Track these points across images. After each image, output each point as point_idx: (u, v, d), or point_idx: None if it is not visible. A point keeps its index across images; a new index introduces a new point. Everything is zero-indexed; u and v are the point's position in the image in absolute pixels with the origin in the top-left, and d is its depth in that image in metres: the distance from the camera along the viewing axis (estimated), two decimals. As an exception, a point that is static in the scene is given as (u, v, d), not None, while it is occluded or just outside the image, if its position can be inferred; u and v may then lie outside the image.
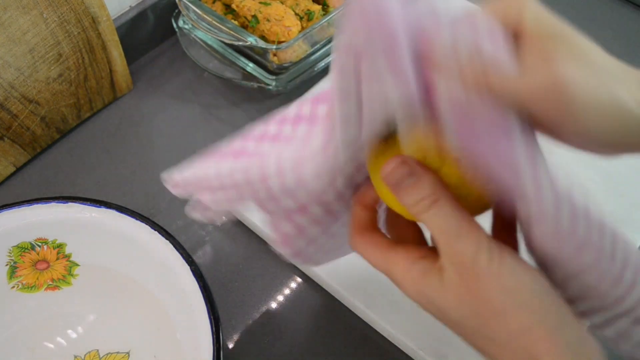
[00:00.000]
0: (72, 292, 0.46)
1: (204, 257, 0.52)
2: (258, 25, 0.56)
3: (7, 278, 0.44)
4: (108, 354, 0.44)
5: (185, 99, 0.62)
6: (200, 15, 0.56)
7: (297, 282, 0.51)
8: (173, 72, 0.64)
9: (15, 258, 0.44)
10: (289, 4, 0.59)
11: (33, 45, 0.50)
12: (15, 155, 0.55)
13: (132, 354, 0.44)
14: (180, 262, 0.41)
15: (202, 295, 0.39)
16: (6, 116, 0.51)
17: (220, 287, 0.50)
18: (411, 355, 0.47)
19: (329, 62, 0.61)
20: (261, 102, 0.62)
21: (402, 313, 0.48)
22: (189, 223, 0.53)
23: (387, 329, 0.47)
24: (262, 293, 0.50)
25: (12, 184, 0.56)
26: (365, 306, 0.48)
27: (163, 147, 0.58)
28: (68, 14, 0.51)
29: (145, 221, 0.42)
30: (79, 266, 0.45)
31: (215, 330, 0.38)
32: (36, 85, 0.52)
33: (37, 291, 0.45)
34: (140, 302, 0.45)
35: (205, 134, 0.59)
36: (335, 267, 0.50)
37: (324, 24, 0.56)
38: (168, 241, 0.42)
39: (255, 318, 0.49)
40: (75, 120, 0.59)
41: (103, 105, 0.61)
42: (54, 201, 0.43)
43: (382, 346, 0.48)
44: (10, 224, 0.42)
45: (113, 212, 0.43)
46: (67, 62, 0.53)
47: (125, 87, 0.61)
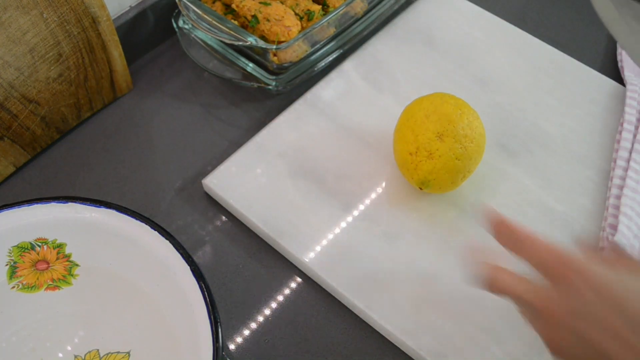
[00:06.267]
0: (72, 292, 0.46)
1: (204, 257, 0.52)
2: (258, 25, 0.56)
3: (7, 278, 0.44)
4: (108, 354, 0.44)
5: (185, 99, 0.62)
6: (200, 15, 0.56)
7: (297, 282, 0.51)
8: (173, 72, 0.64)
9: (15, 258, 0.44)
10: (289, 4, 0.59)
11: (33, 45, 0.50)
12: (15, 155, 0.55)
13: (132, 353, 0.44)
14: (180, 262, 0.41)
15: (202, 295, 0.39)
16: (6, 116, 0.51)
17: (220, 287, 0.50)
18: (411, 355, 0.47)
19: (329, 62, 0.61)
20: (261, 102, 0.62)
21: (402, 313, 0.48)
22: (189, 223, 0.53)
23: (387, 329, 0.47)
24: (262, 293, 0.50)
25: (12, 184, 0.56)
26: (365, 306, 0.48)
27: (163, 147, 0.58)
28: (68, 14, 0.51)
29: (145, 221, 0.42)
30: (79, 266, 0.45)
31: (215, 330, 0.38)
32: (36, 85, 0.52)
33: (37, 291, 0.45)
34: (141, 302, 0.45)
35: (205, 134, 0.59)
36: (335, 267, 0.50)
37: (324, 24, 0.56)
38: (168, 241, 0.42)
39: (255, 318, 0.49)
40: (75, 120, 0.59)
41: (103, 105, 0.61)
42: (54, 201, 0.43)
43: (382, 346, 0.48)
44: (10, 224, 0.42)
45: (113, 212, 0.43)
46: (67, 62, 0.53)
47: (125, 87, 0.61)
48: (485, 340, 0.47)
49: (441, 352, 0.46)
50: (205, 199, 0.55)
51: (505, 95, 0.61)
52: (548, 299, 0.35)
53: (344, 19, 0.59)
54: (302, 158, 0.56)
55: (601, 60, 0.67)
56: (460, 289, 0.49)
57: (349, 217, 0.52)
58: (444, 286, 0.49)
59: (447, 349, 0.46)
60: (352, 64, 0.63)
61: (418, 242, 0.51)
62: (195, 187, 0.56)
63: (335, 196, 0.54)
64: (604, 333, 0.33)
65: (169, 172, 0.57)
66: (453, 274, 0.50)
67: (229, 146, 0.58)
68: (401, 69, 0.63)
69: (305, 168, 0.55)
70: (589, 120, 0.60)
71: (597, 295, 0.33)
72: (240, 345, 0.48)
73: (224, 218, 0.54)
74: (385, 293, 0.49)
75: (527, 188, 0.55)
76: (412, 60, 0.63)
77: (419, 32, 0.66)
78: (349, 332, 0.48)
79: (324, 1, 0.60)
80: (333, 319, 0.49)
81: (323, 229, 0.52)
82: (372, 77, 0.62)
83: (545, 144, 0.57)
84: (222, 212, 0.54)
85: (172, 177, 0.56)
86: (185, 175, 0.56)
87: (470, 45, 0.65)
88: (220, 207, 0.55)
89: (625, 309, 0.32)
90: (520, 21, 0.69)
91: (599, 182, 0.55)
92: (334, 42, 0.60)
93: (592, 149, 0.58)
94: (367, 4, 0.61)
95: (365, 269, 0.50)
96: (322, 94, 0.60)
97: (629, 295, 0.33)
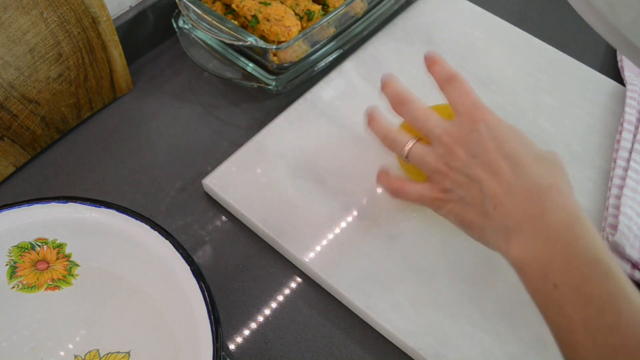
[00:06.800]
0: (72, 292, 0.46)
1: (204, 257, 0.52)
2: (258, 25, 0.56)
3: (7, 278, 0.44)
4: (108, 354, 0.44)
5: (185, 99, 0.62)
6: (200, 15, 0.56)
7: (297, 282, 0.51)
8: (173, 72, 0.64)
9: (15, 258, 0.44)
10: (289, 4, 0.59)
11: (33, 45, 0.50)
12: (15, 155, 0.55)
13: (132, 354, 0.44)
14: (180, 262, 0.41)
15: (202, 295, 0.39)
16: (6, 116, 0.51)
17: (220, 287, 0.50)
18: (411, 355, 0.47)
19: (329, 62, 0.61)
20: (261, 102, 0.62)
21: (402, 313, 0.48)
22: (189, 223, 0.53)
23: (387, 329, 0.47)
24: (262, 293, 0.50)
25: (12, 184, 0.56)
26: (365, 306, 0.48)
27: (163, 147, 0.58)
28: (68, 14, 0.51)
29: (145, 221, 0.42)
30: (79, 266, 0.45)
31: (215, 330, 0.38)
32: (36, 85, 0.52)
33: (37, 291, 0.45)
34: (141, 302, 0.45)
35: (205, 134, 0.59)
36: (335, 267, 0.50)
37: (324, 24, 0.56)
38: (168, 241, 0.42)
39: (255, 318, 0.49)
40: (75, 120, 0.59)
41: (103, 105, 0.61)
42: (54, 201, 0.43)
43: (382, 346, 0.48)
44: (10, 224, 0.42)
45: (113, 212, 0.43)
46: (67, 62, 0.53)
47: (125, 87, 0.61)
48: (485, 340, 0.47)
49: (441, 352, 0.46)
50: (205, 199, 0.55)
51: (505, 95, 0.61)
52: (449, 129, 0.43)
53: (344, 19, 0.59)
54: (302, 158, 0.56)
55: (601, 60, 0.67)
56: (460, 289, 0.49)
57: (349, 217, 0.52)
58: (444, 286, 0.49)
59: (447, 349, 0.46)
60: (352, 64, 0.63)
61: (418, 242, 0.51)
62: (195, 187, 0.56)
63: (335, 196, 0.54)
64: (480, 157, 0.41)
65: (169, 172, 0.57)
66: (453, 274, 0.50)
67: (229, 146, 0.58)
68: (401, 69, 0.63)
69: (305, 168, 0.55)
70: (589, 120, 0.60)
71: (487, 130, 0.41)
72: (240, 345, 0.48)
73: (224, 218, 0.54)
74: (385, 293, 0.49)
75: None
76: (412, 60, 0.63)
77: (419, 32, 0.66)
78: (349, 332, 0.48)
79: (324, 1, 0.60)
80: (333, 319, 0.49)
81: (323, 229, 0.52)
82: (372, 77, 0.62)
83: (545, 144, 0.57)
84: (222, 212, 0.54)
85: (172, 177, 0.56)
86: (185, 175, 0.56)
87: (470, 45, 0.65)
88: (220, 207, 0.55)
89: (503, 142, 0.40)
90: (520, 21, 0.69)
91: (599, 182, 0.55)
92: (334, 42, 0.60)
93: (592, 149, 0.58)
94: (367, 4, 0.61)
95: (365, 269, 0.50)
96: (322, 94, 0.60)
97: (510, 135, 0.41)
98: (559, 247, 0.35)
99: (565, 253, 0.34)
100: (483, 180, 0.40)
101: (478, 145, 0.41)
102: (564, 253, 0.35)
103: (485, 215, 0.40)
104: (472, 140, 0.41)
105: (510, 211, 0.38)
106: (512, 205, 0.38)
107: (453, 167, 0.42)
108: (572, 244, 0.35)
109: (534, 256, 0.36)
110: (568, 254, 0.34)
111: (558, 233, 0.35)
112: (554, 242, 0.35)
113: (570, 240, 0.35)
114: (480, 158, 0.41)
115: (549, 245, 0.35)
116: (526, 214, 0.37)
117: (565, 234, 0.35)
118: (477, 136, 0.41)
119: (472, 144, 0.41)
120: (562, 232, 0.35)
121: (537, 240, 0.36)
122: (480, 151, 0.41)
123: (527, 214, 0.37)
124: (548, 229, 0.36)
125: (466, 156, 0.41)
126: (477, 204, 0.41)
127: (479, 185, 0.40)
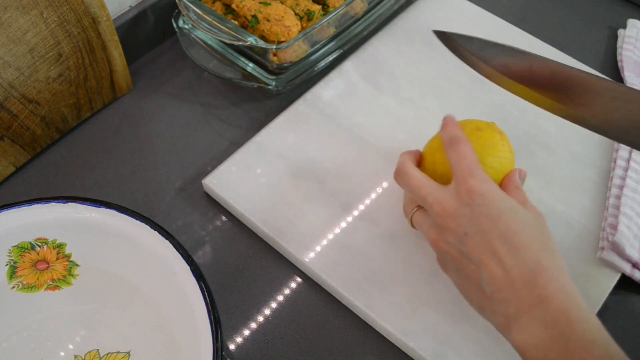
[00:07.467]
0: (72, 292, 0.46)
1: (204, 257, 0.52)
2: (258, 25, 0.56)
3: (7, 278, 0.44)
4: (108, 354, 0.44)
5: (185, 99, 0.62)
6: (200, 15, 0.56)
7: (297, 282, 0.51)
8: (173, 72, 0.64)
9: (15, 258, 0.44)
10: (289, 4, 0.59)
11: (33, 45, 0.50)
12: (15, 155, 0.55)
13: (132, 354, 0.44)
14: (180, 262, 0.41)
15: (202, 295, 0.39)
16: (6, 116, 0.51)
17: (220, 287, 0.50)
18: (411, 355, 0.47)
19: (329, 62, 0.61)
20: (261, 102, 0.62)
21: (402, 313, 0.48)
22: (189, 223, 0.53)
23: (387, 329, 0.47)
24: (262, 293, 0.50)
25: (12, 184, 0.56)
26: (365, 306, 0.48)
27: (163, 147, 0.58)
28: (68, 14, 0.51)
29: (145, 221, 0.42)
30: (79, 266, 0.45)
31: (215, 330, 0.38)
32: (36, 85, 0.52)
33: (37, 291, 0.45)
34: (141, 302, 0.45)
35: (205, 134, 0.59)
36: (335, 267, 0.50)
37: (324, 24, 0.56)
38: (168, 241, 0.42)
39: (255, 318, 0.49)
40: (75, 120, 0.59)
41: (103, 105, 0.61)
42: (54, 201, 0.43)
43: (382, 346, 0.48)
44: (10, 224, 0.42)
45: (113, 212, 0.43)
46: (67, 62, 0.53)
47: (125, 87, 0.61)
48: (485, 340, 0.47)
49: (441, 352, 0.46)
50: (205, 199, 0.55)
51: (505, 95, 0.61)
52: (443, 198, 0.42)
53: (344, 19, 0.59)
54: (302, 158, 0.56)
55: (601, 60, 0.67)
56: (460, 289, 0.49)
57: (349, 217, 0.53)
58: (444, 286, 0.49)
59: (447, 349, 0.46)
60: (352, 64, 0.63)
61: (418, 242, 0.51)
62: (195, 187, 0.56)
63: (335, 196, 0.54)
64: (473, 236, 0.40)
65: (169, 172, 0.57)
66: (453, 274, 0.50)
67: (229, 146, 0.58)
68: (401, 69, 0.63)
69: (305, 168, 0.55)
70: (589, 120, 0.60)
71: (481, 205, 0.40)
72: (240, 345, 0.48)
73: (224, 218, 0.54)
74: (385, 293, 0.49)
75: (527, 188, 0.55)
76: (412, 60, 0.63)
77: (419, 32, 0.66)
78: (349, 332, 0.48)
79: (324, 1, 0.60)
80: (333, 319, 0.49)
81: (323, 229, 0.52)
82: (372, 77, 0.62)
83: (545, 144, 0.57)
84: (222, 212, 0.54)
85: (172, 177, 0.56)
86: (185, 175, 0.56)
87: (470, 45, 0.65)
88: (220, 207, 0.55)
89: (497, 220, 0.39)
90: (520, 21, 0.69)
91: (599, 182, 0.55)
92: (334, 42, 0.60)
93: (592, 149, 0.58)
94: (367, 4, 0.61)
95: (365, 269, 0.50)
96: (322, 94, 0.60)
97: (505, 212, 0.40)
98: (556, 333, 0.36)
99: (563, 338, 0.36)
100: (480, 262, 0.40)
101: (470, 222, 0.40)
102: (562, 338, 0.36)
103: (483, 296, 0.40)
104: (463, 216, 0.41)
105: (509, 299, 0.38)
106: (511, 292, 0.38)
107: (447, 240, 0.42)
108: (568, 328, 0.36)
109: (533, 343, 0.37)
110: (565, 340, 0.36)
111: (555, 320, 0.36)
112: (552, 328, 0.36)
113: (567, 324, 0.36)
114: (473, 237, 0.40)
115: (547, 332, 0.36)
116: (524, 304, 0.37)
117: (562, 320, 0.36)
118: (470, 212, 0.40)
119: (463, 220, 0.41)
120: (558, 319, 0.36)
121: (536, 327, 0.37)
122: (472, 230, 0.40)
123: (525, 304, 0.37)
124: (546, 315, 0.36)
125: (459, 231, 0.41)
126: (474, 281, 0.41)
127: (475, 265, 0.40)
